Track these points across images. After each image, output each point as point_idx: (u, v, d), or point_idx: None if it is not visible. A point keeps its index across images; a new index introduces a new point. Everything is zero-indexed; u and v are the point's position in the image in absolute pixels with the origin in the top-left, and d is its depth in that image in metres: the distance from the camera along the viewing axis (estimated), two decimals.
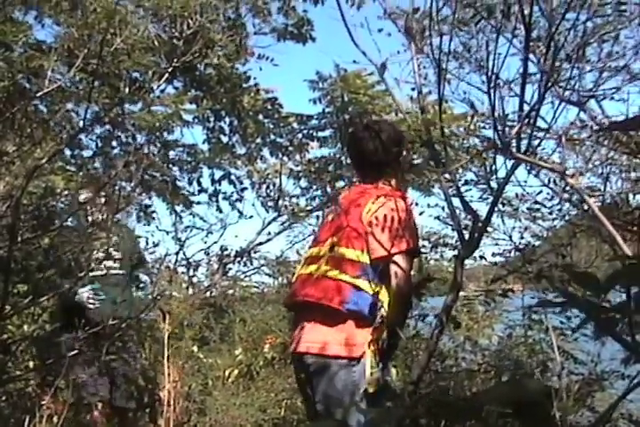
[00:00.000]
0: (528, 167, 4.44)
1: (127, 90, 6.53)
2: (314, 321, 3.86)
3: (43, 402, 5.25)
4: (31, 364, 6.52)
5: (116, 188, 6.57)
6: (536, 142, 4.15)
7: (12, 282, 5.33)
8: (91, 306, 6.13)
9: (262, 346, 8.85)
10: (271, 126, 8.82)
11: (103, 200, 6.22)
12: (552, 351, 5.83)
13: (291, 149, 8.88)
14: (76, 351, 5.40)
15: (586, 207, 4.63)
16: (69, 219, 6.13)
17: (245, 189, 9.46)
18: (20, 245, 5.52)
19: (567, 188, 4.75)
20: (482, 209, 4.83)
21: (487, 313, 6.92)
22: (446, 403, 3.67)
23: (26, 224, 5.69)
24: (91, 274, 5.83)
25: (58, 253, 7.05)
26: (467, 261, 4.90)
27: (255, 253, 9.99)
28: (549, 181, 4.79)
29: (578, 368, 5.77)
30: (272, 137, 8.92)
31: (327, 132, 8.50)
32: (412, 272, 4.04)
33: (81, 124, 7.03)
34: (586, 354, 5.79)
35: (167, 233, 8.49)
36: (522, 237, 5.75)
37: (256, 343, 9.06)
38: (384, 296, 3.78)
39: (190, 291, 9.17)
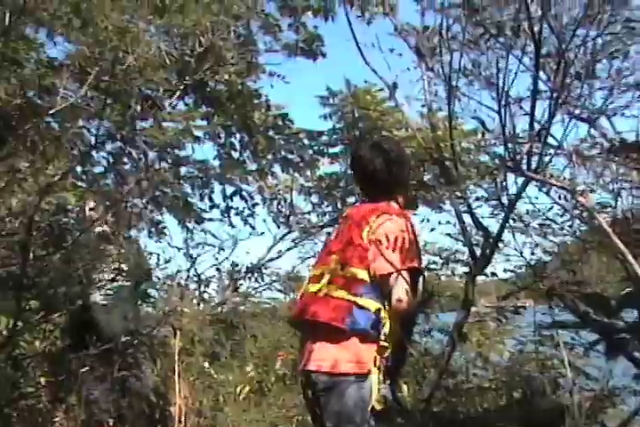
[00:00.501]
0: (539, 184, 4.45)
1: (139, 107, 6.55)
2: (321, 339, 3.86)
3: (55, 419, 5.26)
4: (43, 380, 6.51)
5: (128, 204, 6.60)
6: (547, 159, 4.16)
7: (24, 298, 5.34)
8: (102, 306, 6.21)
9: (274, 362, 8.84)
10: (282, 142, 8.82)
11: (112, 215, 6.24)
12: (563, 367, 5.81)
13: (301, 165, 8.88)
14: (87, 368, 5.42)
15: (597, 223, 4.63)
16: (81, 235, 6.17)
17: (257, 204, 9.47)
18: (32, 262, 5.54)
19: (578, 204, 4.75)
20: (492, 225, 4.83)
21: (498, 329, 6.91)
22: (457, 420, 3.68)
23: (38, 241, 5.71)
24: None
25: (69, 269, 7.09)
26: (478, 277, 4.91)
27: (266, 269, 9.97)
28: (560, 197, 4.80)
29: (589, 384, 5.76)
30: (283, 153, 8.92)
31: (338, 149, 8.51)
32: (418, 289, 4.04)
33: (92, 140, 7.05)
34: (597, 370, 5.77)
35: (179, 250, 8.49)
36: (532, 253, 5.75)
37: (267, 359, 9.05)
38: (386, 313, 3.78)
39: (201, 307, 9.16)
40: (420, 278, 3.93)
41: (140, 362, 6.61)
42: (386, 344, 3.72)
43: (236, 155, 9.02)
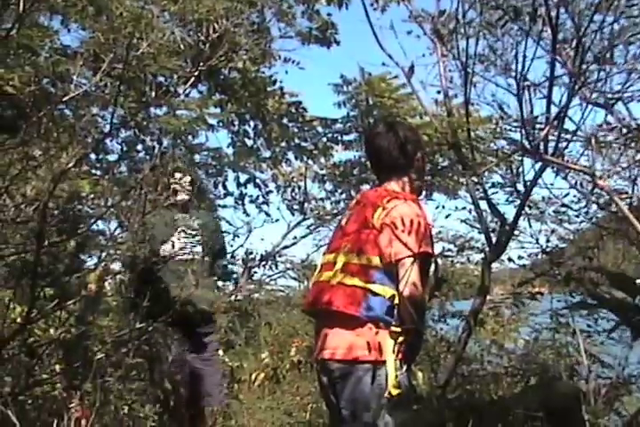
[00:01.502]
0: (556, 170, 4.43)
1: (153, 94, 6.53)
2: (335, 327, 3.86)
3: (71, 405, 5.26)
4: (57, 367, 6.52)
5: (143, 192, 6.59)
6: (563, 145, 4.14)
7: (39, 286, 5.34)
8: (181, 256, 6.10)
9: (289, 349, 8.85)
10: (295, 130, 8.80)
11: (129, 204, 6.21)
12: (579, 355, 5.79)
13: (315, 152, 8.86)
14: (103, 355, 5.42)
15: (614, 209, 4.60)
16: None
17: (271, 192, 9.46)
18: (46, 249, 5.54)
19: (595, 190, 4.73)
20: (508, 212, 4.82)
21: (513, 317, 6.90)
22: (474, 406, 3.66)
23: (52, 228, 5.72)
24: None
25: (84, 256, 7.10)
26: (493, 265, 4.89)
27: (280, 256, 9.97)
28: (576, 183, 4.77)
29: (605, 372, 5.74)
30: (297, 140, 8.90)
31: (352, 136, 8.49)
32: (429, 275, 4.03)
33: (106, 128, 7.05)
34: (613, 358, 5.75)
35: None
36: (548, 240, 5.73)
37: (282, 347, 9.05)
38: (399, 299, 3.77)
39: (215, 294, 9.16)
40: (432, 265, 3.91)
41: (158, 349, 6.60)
42: (399, 330, 3.71)
43: (249, 142, 9.02)
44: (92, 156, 7.43)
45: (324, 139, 8.71)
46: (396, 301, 3.72)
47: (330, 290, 3.86)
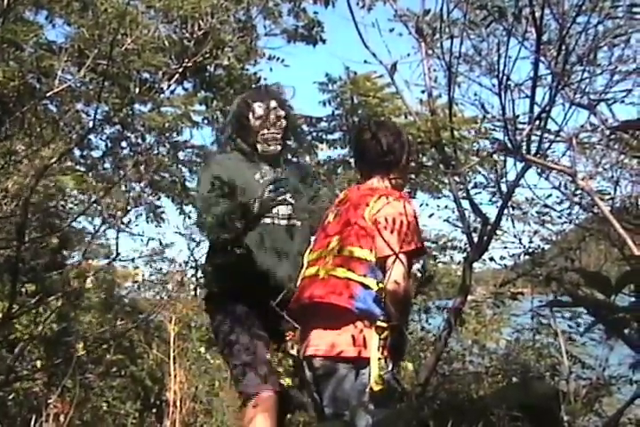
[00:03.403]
0: (538, 170, 4.43)
1: (137, 90, 6.53)
2: (321, 323, 3.85)
3: (49, 401, 5.26)
4: (38, 363, 6.52)
5: (126, 188, 6.57)
6: (546, 145, 4.15)
7: (20, 281, 5.33)
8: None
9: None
10: None
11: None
12: (560, 355, 5.81)
13: (300, 150, 8.87)
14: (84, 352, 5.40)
15: (596, 210, 4.61)
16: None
17: None
18: (28, 245, 5.53)
19: (578, 191, 4.74)
20: (491, 212, 4.82)
21: (495, 317, 6.91)
22: (454, 405, 3.67)
23: (34, 224, 5.70)
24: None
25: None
26: (475, 265, 4.89)
27: None
28: (560, 184, 4.78)
29: (585, 373, 5.76)
30: None
31: (336, 135, 8.50)
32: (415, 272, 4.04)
33: (90, 124, 7.03)
34: (594, 359, 5.77)
35: (181, 234, 8.44)
36: (531, 241, 5.74)
37: None
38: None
39: (198, 292, 9.16)
40: (422, 260, 3.94)
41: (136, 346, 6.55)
42: (384, 325, 3.71)
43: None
44: (77, 152, 7.41)
45: (309, 137, 8.71)
46: (383, 295, 3.73)
47: (319, 283, 3.86)
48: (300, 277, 4.09)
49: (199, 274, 8.63)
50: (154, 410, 7.52)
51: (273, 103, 4.53)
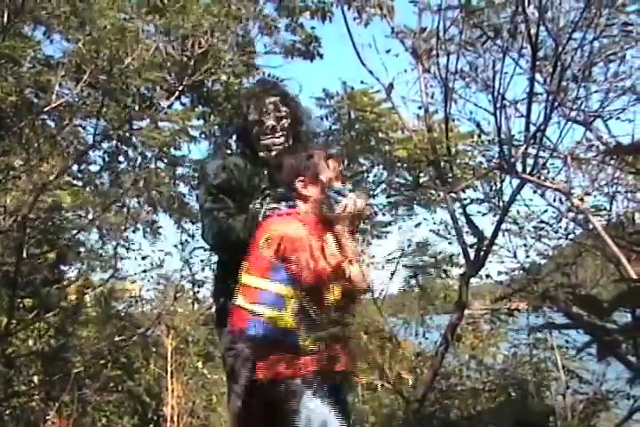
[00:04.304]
0: (534, 187, 4.45)
1: (136, 106, 6.54)
2: None
3: (48, 417, 5.26)
4: (36, 379, 6.51)
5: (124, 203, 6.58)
6: (542, 162, 4.17)
7: (18, 297, 5.33)
8: None
9: None
10: None
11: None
12: (557, 370, 5.82)
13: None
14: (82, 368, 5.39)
15: (591, 227, 4.63)
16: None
17: None
18: (26, 260, 5.53)
19: (573, 207, 4.76)
20: (487, 228, 4.84)
21: (492, 332, 6.91)
22: (450, 422, 3.68)
23: (32, 239, 5.70)
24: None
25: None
26: (472, 280, 4.91)
27: None
28: (555, 200, 4.80)
29: (583, 388, 5.76)
30: None
31: (334, 150, 8.50)
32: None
33: (88, 139, 7.05)
34: (591, 373, 5.77)
35: (171, 253, 8.42)
36: (527, 256, 5.75)
37: None
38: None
39: (195, 307, 9.15)
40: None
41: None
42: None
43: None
44: (74, 166, 7.41)
45: None
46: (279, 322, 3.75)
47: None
48: None
49: (196, 289, 8.64)
50: (151, 425, 7.51)
51: (273, 101, 4.33)
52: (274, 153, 4.16)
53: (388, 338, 4.62)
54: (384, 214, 6.34)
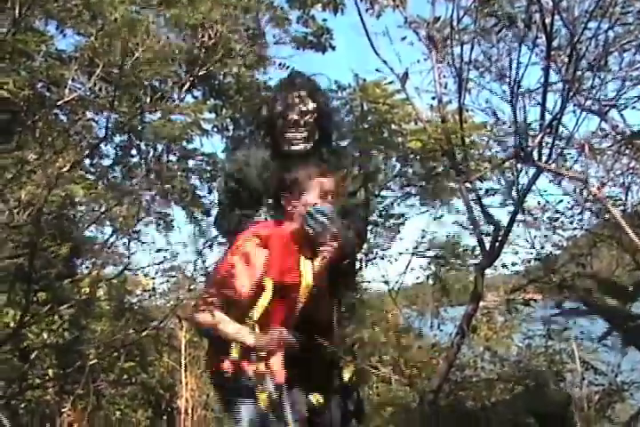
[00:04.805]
0: (550, 177, 4.44)
1: (148, 99, 6.53)
2: None
3: (63, 409, 5.26)
4: (50, 372, 6.52)
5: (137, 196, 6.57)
6: (558, 152, 4.15)
7: (32, 290, 5.34)
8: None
9: None
10: None
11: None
12: (572, 362, 5.79)
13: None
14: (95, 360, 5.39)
15: (607, 216, 4.61)
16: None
17: None
18: (40, 254, 5.53)
19: (589, 197, 4.73)
20: (502, 219, 4.82)
21: (506, 323, 6.89)
22: (466, 412, 3.67)
23: (46, 233, 5.71)
24: None
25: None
26: (486, 271, 4.89)
27: None
28: (574, 190, 4.78)
29: (598, 379, 5.73)
30: None
31: (346, 142, 8.47)
32: None
33: (100, 132, 7.05)
34: (606, 365, 5.75)
35: (186, 243, 8.41)
36: (542, 247, 5.72)
37: None
38: None
39: None
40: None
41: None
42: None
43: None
44: (86, 160, 7.42)
45: None
46: None
47: None
48: None
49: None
50: (165, 418, 7.52)
51: (299, 95, 4.29)
52: (295, 147, 4.15)
53: (403, 330, 4.61)
54: (399, 205, 6.32)
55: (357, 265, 5.08)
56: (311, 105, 4.19)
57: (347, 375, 4.09)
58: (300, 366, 3.96)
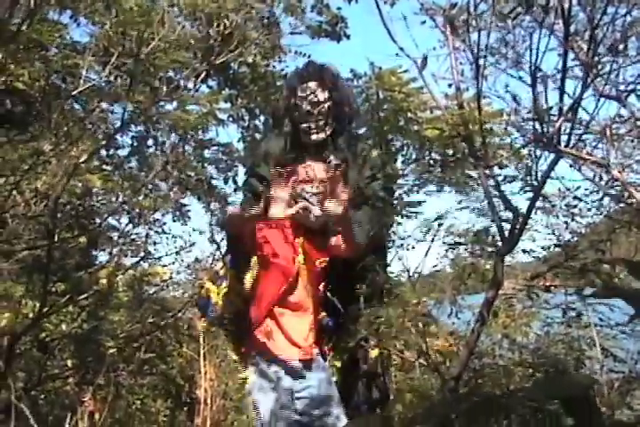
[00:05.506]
0: (569, 162, 4.42)
1: (164, 87, 6.54)
2: None
3: (83, 399, 5.28)
4: (69, 362, 6.54)
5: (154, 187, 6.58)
6: (577, 137, 4.13)
7: (50, 281, 5.35)
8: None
9: None
10: None
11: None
12: (590, 349, 5.78)
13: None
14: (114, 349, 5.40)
15: (628, 202, 4.59)
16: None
17: None
18: (57, 245, 5.55)
19: (610, 182, 4.71)
20: (520, 206, 4.80)
21: (524, 311, 6.88)
22: (488, 398, 3.65)
23: (63, 223, 5.72)
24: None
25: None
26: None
27: None
28: (594, 176, 4.75)
29: (617, 366, 5.72)
30: None
31: (362, 131, 8.47)
32: None
33: (116, 123, 7.06)
34: (625, 352, 5.73)
35: (204, 231, 8.43)
36: (559, 236, 5.70)
37: None
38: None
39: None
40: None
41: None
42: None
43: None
44: (103, 151, 7.43)
45: None
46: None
47: None
48: None
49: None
50: (185, 408, 7.53)
51: (309, 86, 4.36)
52: (312, 137, 4.23)
53: (424, 315, 4.60)
54: (417, 192, 6.30)
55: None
56: (322, 95, 4.26)
57: (372, 358, 4.15)
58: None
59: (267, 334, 4.00)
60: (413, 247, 6.30)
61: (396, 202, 6.10)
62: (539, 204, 5.10)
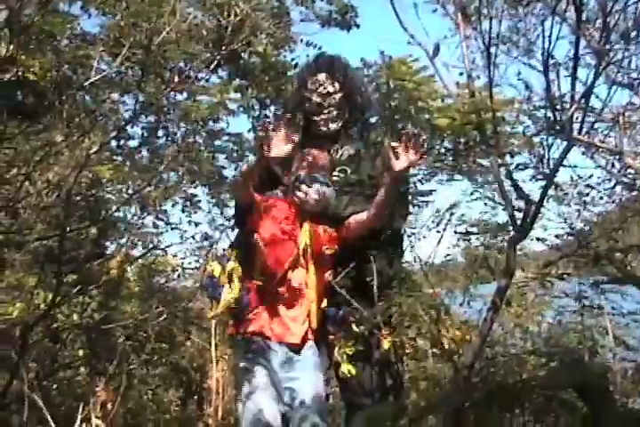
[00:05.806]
0: (581, 150, 4.42)
1: (176, 77, 6.52)
2: None
3: (96, 389, 5.29)
4: (81, 352, 6.57)
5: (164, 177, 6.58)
6: (589, 125, 4.13)
7: (62, 272, 5.37)
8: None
9: None
10: None
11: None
12: (603, 338, 5.78)
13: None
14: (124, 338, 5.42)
15: None
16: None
17: None
18: (69, 236, 5.56)
19: (622, 170, 4.71)
20: (533, 194, 4.79)
21: (537, 300, 6.86)
22: (502, 386, 3.66)
23: (74, 214, 5.73)
24: None
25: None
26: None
27: None
28: (606, 164, 4.75)
29: (630, 355, 5.72)
30: None
31: (372, 120, 8.45)
32: None
33: (126, 113, 7.06)
34: (637, 340, 5.73)
35: (211, 222, 8.43)
36: (571, 224, 5.70)
37: None
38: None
39: None
40: None
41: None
42: None
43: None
44: (113, 142, 7.43)
45: None
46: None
47: None
48: None
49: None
50: (195, 397, 7.56)
51: (318, 79, 4.43)
52: (324, 128, 4.30)
53: (437, 304, 4.60)
54: (428, 181, 6.28)
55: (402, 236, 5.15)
56: (332, 87, 4.33)
57: (386, 346, 4.15)
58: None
59: (261, 316, 4.04)
60: (425, 237, 6.30)
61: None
62: (551, 192, 5.10)
